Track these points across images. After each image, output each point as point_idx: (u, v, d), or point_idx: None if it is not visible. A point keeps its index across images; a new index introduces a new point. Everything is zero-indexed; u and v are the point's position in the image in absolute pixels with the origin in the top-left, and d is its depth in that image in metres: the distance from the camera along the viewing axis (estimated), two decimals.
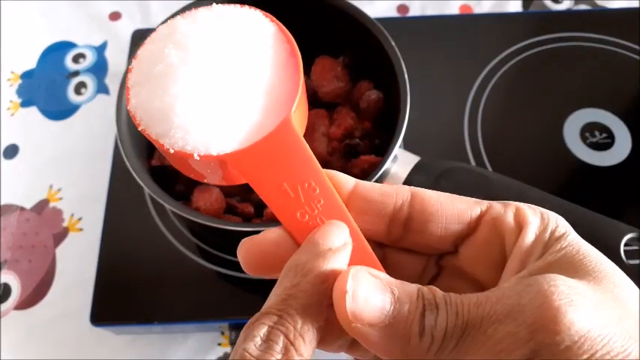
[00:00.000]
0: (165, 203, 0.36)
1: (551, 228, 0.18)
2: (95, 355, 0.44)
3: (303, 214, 0.18)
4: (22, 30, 0.62)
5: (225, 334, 0.45)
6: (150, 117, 0.19)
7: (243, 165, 0.18)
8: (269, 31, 0.20)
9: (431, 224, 0.19)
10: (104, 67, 0.59)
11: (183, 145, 0.18)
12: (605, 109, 0.50)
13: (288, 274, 0.17)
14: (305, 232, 0.18)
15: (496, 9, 0.61)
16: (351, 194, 0.19)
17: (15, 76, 0.59)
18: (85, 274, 0.45)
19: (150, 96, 0.19)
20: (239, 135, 0.18)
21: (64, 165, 0.53)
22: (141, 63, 0.20)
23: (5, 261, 0.48)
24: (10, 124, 0.56)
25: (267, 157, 0.18)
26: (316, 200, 0.18)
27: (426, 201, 0.19)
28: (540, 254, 0.17)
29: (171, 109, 0.18)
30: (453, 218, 0.19)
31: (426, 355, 0.16)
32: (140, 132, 0.19)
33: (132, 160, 0.37)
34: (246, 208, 0.41)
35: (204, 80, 0.19)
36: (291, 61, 0.20)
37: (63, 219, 0.50)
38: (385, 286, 0.17)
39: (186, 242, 0.44)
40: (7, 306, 0.46)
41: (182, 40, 0.19)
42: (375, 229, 0.19)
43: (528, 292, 0.15)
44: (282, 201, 0.18)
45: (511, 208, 0.19)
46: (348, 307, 0.16)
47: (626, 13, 0.57)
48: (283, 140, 0.18)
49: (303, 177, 0.18)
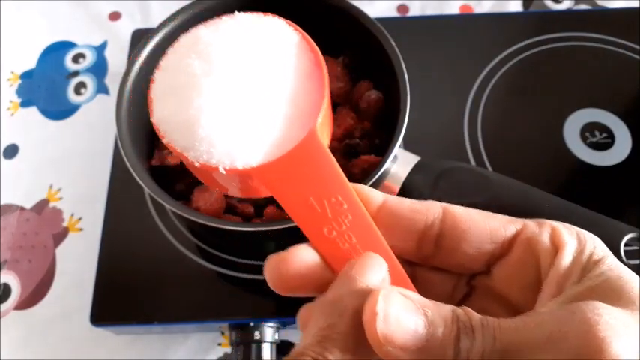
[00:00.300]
0: (165, 203, 0.36)
1: (588, 250, 0.17)
2: (95, 355, 0.44)
3: (330, 230, 0.18)
4: (22, 30, 0.62)
5: (225, 334, 0.45)
6: (174, 130, 0.18)
7: (268, 178, 0.18)
8: (293, 41, 0.20)
9: (463, 243, 0.18)
10: (104, 67, 0.59)
11: (208, 159, 0.18)
12: (605, 109, 0.50)
13: (324, 311, 0.16)
14: (333, 248, 0.18)
15: (496, 9, 0.61)
16: (380, 210, 0.19)
17: (15, 76, 0.59)
18: (84, 274, 0.45)
19: (174, 108, 0.18)
20: (264, 148, 0.18)
21: (64, 165, 0.53)
22: (164, 74, 0.19)
23: (5, 261, 0.48)
24: (10, 124, 0.56)
25: (293, 171, 0.18)
26: (344, 216, 0.18)
27: (457, 218, 0.19)
28: (578, 278, 0.17)
29: (196, 122, 0.18)
30: (486, 237, 0.18)
31: None
32: (164, 143, 0.19)
33: (132, 160, 0.37)
34: (246, 208, 0.41)
35: (228, 92, 0.18)
36: (315, 71, 0.19)
37: (63, 219, 0.50)
38: (418, 308, 0.16)
39: (186, 242, 0.44)
40: (7, 306, 0.46)
41: (205, 50, 0.19)
42: (404, 246, 0.19)
43: (571, 319, 0.15)
44: (308, 216, 0.18)
45: (546, 227, 0.18)
46: (379, 330, 0.15)
47: (626, 13, 0.57)
48: (309, 153, 0.18)
49: (330, 192, 0.18)
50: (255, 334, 0.40)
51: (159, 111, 0.19)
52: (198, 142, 0.18)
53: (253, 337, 0.40)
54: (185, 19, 0.43)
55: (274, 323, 0.41)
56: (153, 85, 0.19)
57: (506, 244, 0.18)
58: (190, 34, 0.20)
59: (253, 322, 0.40)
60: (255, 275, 0.43)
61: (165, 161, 0.42)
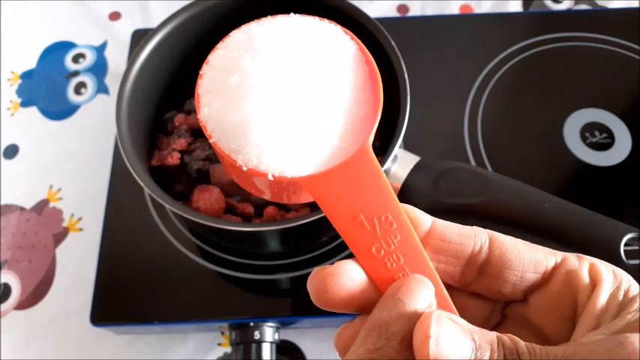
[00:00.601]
0: (165, 203, 0.36)
1: (624, 287, 0.18)
2: (95, 355, 0.44)
3: (379, 249, 0.17)
4: (22, 30, 0.62)
5: (226, 334, 0.45)
6: (223, 131, 0.18)
7: (317, 190, 0.17)
8: (350, 50, 0.19)
9: (508, 271, 0.19)
10: (104, 67, 0.59)
11: (257, 164, 0.17)
12: (605, 109, 0.50)
13: (372, 334, 0.16)
14: (380, 268, 0.17)
15: (496, 9, 0.61)
16: (428, 233, 0.19)
17: (15, 76, 0.59)
18: (85, 274, 0.45)
19: (224, 108, 0.18)
20: (315, 158, 0.18)
21: (64, 165, 0.53)
22: (214, 70, 0.19)
23: (5, 261, 0.48)
24: (10, 124, 0.56)
25: (344, 185, 0.17)
26: (393, 235, 0.17)
27: (504, 246, 0.19)
28: (616, 312, 0.17)
29: (247, 125, 0.17)
30: (530, 267, 0.19)
31: None
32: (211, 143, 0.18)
33: (132, 160, 0.37)
34: (246, 208, 0.41)
35: (282, 96, 0.18)
36: (369, 83, 0.19)
37: (63, 219, 0.50)
38: (466, 332, 0.16)
39: (186, 242, 0.44)
40: (7, 306, 0.46)
41: (260, 50, 0.18)
42: (449, 271, 0.19)
43: (622, 349, 0.15)
44: (357, 233, 0.17)
45: (585, 262, 0.19)
46: (431, 353, 0.15)
47: (626, 13, 0.57)
48: (361, 168, 0.17)
49: (381, 209, 0.17)
50: (255, 334, 0.40)
51: (207, 109, 0.18)
52: (248, 146, 0.17)
53: (253, 337, 0.40)
54: (185, 19, 0.43)
55: (274, 323, 0.41)
56: (201, 81, 0.19)
57: (547, 275, 0.19)
58: (242, 30, 0.19)
59: (253, 322, 0.40)
60: (255, 275, 0.43)
61: (165, 161, 0.42)
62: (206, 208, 0.40)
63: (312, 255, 0.43)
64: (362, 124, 0.18)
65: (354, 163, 0.17)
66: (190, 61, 0.45)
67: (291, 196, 0.19)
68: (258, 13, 0.26)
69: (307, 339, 0.44)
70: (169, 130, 0.45)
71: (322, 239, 0.44)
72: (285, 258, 0.43)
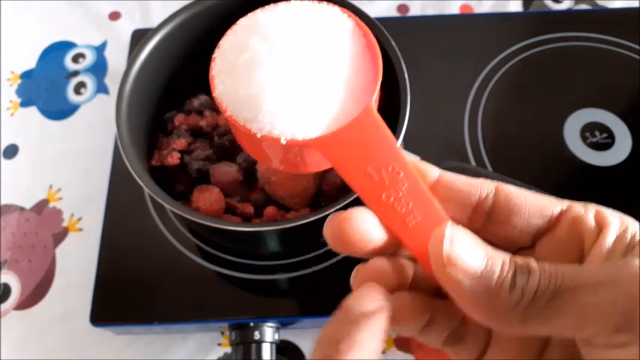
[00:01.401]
0: (165, 203, 0.36)
1: (631, 231, 0.18)
2: (95, 355, 0.44)
3: (388, 196, 0.19)
4: (22, 30, 0.62)
5: (225, 334, 0.45)
6: (236, 103, 0.20)
7: (327, 149, 0.19)
8: (347, 26, 0.21)
9: (514, 216, 0.19)
10: (104, 67, 0.59)
11: (270, 130, 0.19)
12: (605, 109, 0.50)
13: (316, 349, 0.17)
14: (390, 213, 0.19)
15: (496, 9, 0.61)
16: (436, 183, 0.20)
17: (15, 76, 0.59)
18: (84, 274, 0.45)
19: (237, 84, 0.20)
20: (323, 121, 0.19)
21: (64, 165, 0.53)
22: (225, 53, 0.21)
23: (5, 261, 0.48)
24: (9, 124, 0.56)
25: (351, 142, 0.19)
26: (400, 183, 0.19)
27: (510, 193, 0.19)
28: (623, 254, 0.18)
29: (259, 96, 0.19)
30: (536, 212, 0.19)
31: (512, 310, 0.16)
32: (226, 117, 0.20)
33: (131, 160, 0.37)
34: (246, 208, 0.41)
35: (288, 69, 0.20)
36: (368, 53, 0.21)
37: (63, 219, 0.50)
38: (481, 244, 0.17)
39: (186, 242, 0.44)
40: (6, 306, 0.46)
41: (266, 32, 0.20)
42: (457, 218, 0.19)
43: (631, 266, 0.16)
44: (366, 184, 0.19)
45: (591, 209, 0.19)
46: (445, 250, 0.16)
47: (626, 13, 0.57)
48: (366, 126, 0.19)
49: (386, 161, 0.19)
50: (255, 335, 0.40)
51: (221, 86, 0.20)
52: (261, 114, 0.19)
53: (253, 337, 0.40)
54: (185, 19, 0.43)
55: (274, 323, 0.41)
56: (213, 63, 0.21)
57: (553, 220, 0.19)
58: (249, 18, 0.21)
59: (253, 323, 0.40)
60: (255, 275, 0.43)
61: (165, 161, 0.42)
62: (206, 208, 0.40)
63: (312, 255, 0.43)
64: (364, 90, 0.20)
65: (359, 122, 0.19)
66: (190, 60, 0.45)
67: (300, 164, 0.21)
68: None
69: (307, 339, 0.44)
70: (169, 130, 0.45)
71: (322, 239, 0.43)
72: (285, 258, 0.43)
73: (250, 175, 0.42)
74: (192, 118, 0.44)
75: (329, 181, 0.41)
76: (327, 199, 0.41)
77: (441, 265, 0.17)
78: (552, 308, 0.16)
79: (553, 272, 0.16)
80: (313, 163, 0.21)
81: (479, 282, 0.16)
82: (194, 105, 0.44)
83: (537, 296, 0.16)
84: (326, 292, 0.42)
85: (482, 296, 0.16)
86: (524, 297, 0.16)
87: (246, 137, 0.20)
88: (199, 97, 0.45)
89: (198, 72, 0.46)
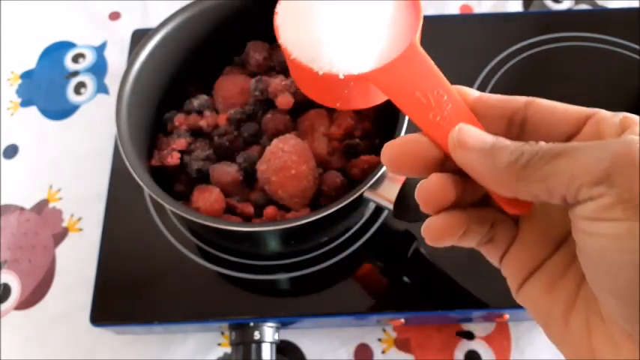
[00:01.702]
0: (165, 203, 0.36)
1: None
2: (95, 355, 0.44)
3: (435, 116, 0.22)
4: (22, 30, 0.62)
5: (225, 334, 0.45)
6: (300, 48, 0.23)
7: (380, 81, 0.22)
8: None
9: (545, 123, 0.21)
10: (104, 67, 0.59)
11: (329, 69, 0.22)
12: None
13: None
14: (438, 129, 0.22)
15: (496, 9, 0.61)
16: (475, 101, 0.22)
17: (15, 76, 0.59)
18: (84, 274, 0.45)
19: (299, 30, 0.23)
20: (374, 57, 0.22)
21: (64, 165, 0.53)
22: (285, 7, 0.24)
23: (5, 261, 0.48)
24: (9, 124, 0.56)
25: (400, 73, 0.22)
26: (445, 104, 0.22)
27: (542, 103, 0.21)
28: None
29: (319, 39, 0.23)
30: (565, 119, 0.21)
31: (514, 164, 0.19)
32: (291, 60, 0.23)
33: (132, 160, 0.37)
34: (246, 208, 0.41)
35: (342, 14, 0.23)
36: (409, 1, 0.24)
37: (63, 219, 0.50)
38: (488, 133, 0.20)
39: (186, 242, 0.44)
40: (6, 306, 0.46)
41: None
42: (494, 131, 0.21)
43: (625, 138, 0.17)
44: (416, 106, 0.22)
45: (619, 114, 0.20)
46: (455, 136, 0.20)
47: (626, 13, 0.57)
48: (412, 58, 0.22)
49: (432, 86, 0.22)
50: (255, 334, 0.40)
51: (285, 34, 0.23)
52: (322, 54, 0.22)
53: (253, 337, 0.40)
54: (185, 19, 0.43)
55: (274, 323, 0.41)
56: (276, 15, 0.24)
57: (581, 125, 0.21)
58: None
59: (253, 322, 0.40)
60: (255, 275, 0.43)
61: (165, 161, 0.42)
62: (206, 208, 0.40)
63: (311, 255, 0.43)
64: (409, 28, 0.23)
65: (406, 56, 0.22)
66: (190, 60, 0.45)
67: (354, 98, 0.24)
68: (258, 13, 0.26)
69: (307, 339, 0.44)
70: (169, 130, 0.45)
71: (322, 239, 0.44)
72: (285, 258, 0.43)
73: (250, 175, 0.42)
74: (192, 118, 0.44)
75: (329, 181, 0.41)
76: (327, 199, 0.41)
77: (453, 147, 0.20)
78: (551, 167, 0.18)
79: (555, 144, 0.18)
80: (367, 97, 0.24)
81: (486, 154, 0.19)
82: (194, 105, 0.44)
83: (539, 155, 0.18)
84: (326, 292, 0.42)
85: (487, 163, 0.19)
86: (524, 155, 0.18)
87: (307, 77, 0.23)
88: (199, 97, 0.45)
89: (198, 72, 0.46)
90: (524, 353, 0.43)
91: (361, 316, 0.42)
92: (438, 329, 0.44)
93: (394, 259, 0.44)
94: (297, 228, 0.35)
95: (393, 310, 0.41)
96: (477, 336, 0.44)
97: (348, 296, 0.42)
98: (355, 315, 0.42)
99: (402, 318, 0.42)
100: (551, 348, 0.44)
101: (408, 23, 0.23)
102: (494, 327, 0.44)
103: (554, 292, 0.20)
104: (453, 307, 0.41)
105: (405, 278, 0.43)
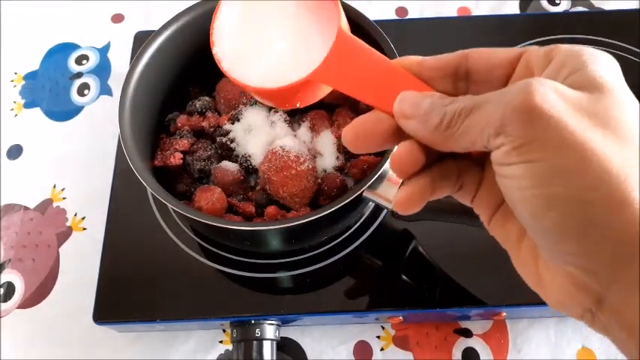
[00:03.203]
0: (167, 203, 0.36)
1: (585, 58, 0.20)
2: (98, 353, 0.45)
3: (382, 92, 0.23)
4: (26, 31, 0.62)
5: (227, 331, 0.45)
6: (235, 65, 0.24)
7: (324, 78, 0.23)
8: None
9: (485, 71, 0.22)
10: (107, 69, 0.59)
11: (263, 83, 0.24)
12: None
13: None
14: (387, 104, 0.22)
15: (494, 11, 0.61)
16: (419, 68, 0.23)
17: (18, 78, 0.59)
18: (88, 272, 0.45)
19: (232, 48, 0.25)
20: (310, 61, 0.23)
21: (68, 165, 0.53)
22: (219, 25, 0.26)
23: (9, 260, 0.48)
24: (13, 125, 0.56)
25: (341, 63, 0.23)
26: (388, 78, 0.23)
27: (478, 51, 0.23)
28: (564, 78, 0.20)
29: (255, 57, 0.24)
30: (500, 62, 0.22)
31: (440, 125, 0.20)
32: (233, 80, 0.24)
33: (134, 161, 0.37)
34: (247, 208, 0.41)
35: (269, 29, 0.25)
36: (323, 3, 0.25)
37: (66, 218, 0.50)
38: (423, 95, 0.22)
39: (188, 241, 0.45)
40: (10, 305, 0.47)
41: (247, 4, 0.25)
42: (444, 88, 0.23)
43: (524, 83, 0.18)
44: (364, 88, 0.23)
45: (545, 47, 0.21)
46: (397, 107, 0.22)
47: (623, 14, 0.57)
48: (345, 45, 0.23)
49: (372, 65, 0.23)
50: (256, 332, 0.40)
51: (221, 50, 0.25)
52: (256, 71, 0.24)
53: (254, 334, 0.40)
54: (187, 21, 0.43)
55: (275, 321, 0.41)
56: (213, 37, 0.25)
57: (514, 63, 0.22)
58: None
59: (254, 320, 0.41)
60: (256, 273, 0.43)
61: (168, 162, 0.42)
62: (208, 207, 0.40)
63: (312, 254, 0.44)
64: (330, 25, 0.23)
65: (337, 47, 0.22)
66: (192, 62, 0.46)
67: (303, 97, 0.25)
68: None
69: (308, 336, 0.45)
70: (172, 130, 0.45)
71: (322, 238, 0.44)
72: (286, 257, 0.44)
73: (251, 175, 0.43)
74: (195, 119, 0.45)
75: (329, 181, 0.41)
76: (326, 199, 0.42)
77: (397, 117, 0.22)
78: (467, 123, 0.20)
79: (473, 97, 0.20)
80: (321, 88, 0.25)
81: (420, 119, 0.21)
82: (196, 106, 0.45)
83: (456, 115, 0.20)
84: (325, 290, 0.43)
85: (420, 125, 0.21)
86: (447, 116, 0.20)
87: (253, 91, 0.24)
88: (201, 98, 0.46)
89: (201, 74, 0.47)
90: (522, 351, 0.43)
91: (360, 313, 0.42)
92: (436, 327, 0.45)
93: (393, 258, 0.44)
94: (297, 227, 0.36)
95: (391, 307, 0.42)
96: (475, 334, 0.44)
97: (347, 294, 0.42)
98: (354, 313, 0.42)
99: (401, 316, 0.42)
100: (547, 345, 0.45)
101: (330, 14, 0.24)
102: (491, 325, 0.45)
103: (508, 225, 0.22)
104: (450, 305, 0.42)
105: (404, 276, 0.43)
